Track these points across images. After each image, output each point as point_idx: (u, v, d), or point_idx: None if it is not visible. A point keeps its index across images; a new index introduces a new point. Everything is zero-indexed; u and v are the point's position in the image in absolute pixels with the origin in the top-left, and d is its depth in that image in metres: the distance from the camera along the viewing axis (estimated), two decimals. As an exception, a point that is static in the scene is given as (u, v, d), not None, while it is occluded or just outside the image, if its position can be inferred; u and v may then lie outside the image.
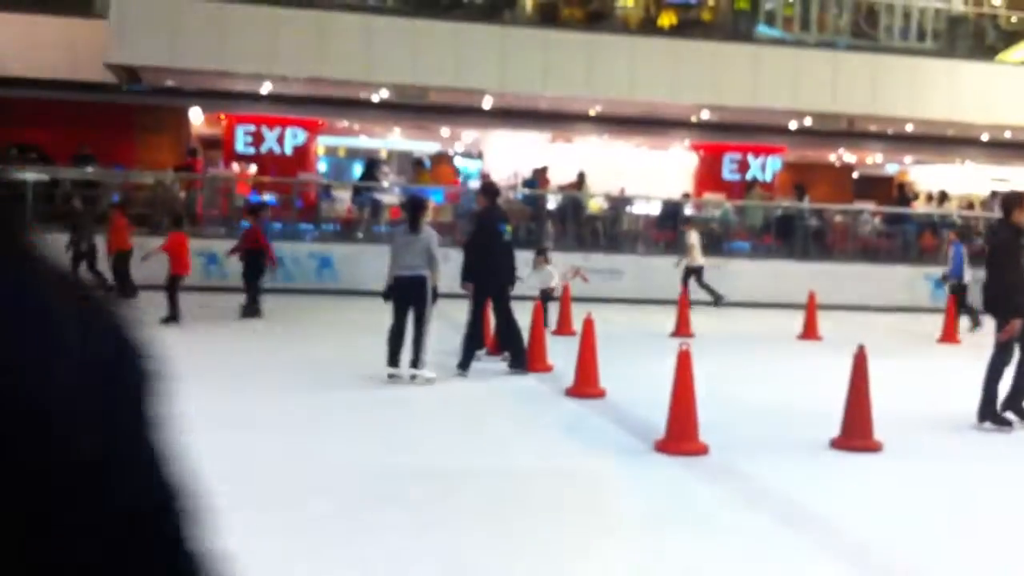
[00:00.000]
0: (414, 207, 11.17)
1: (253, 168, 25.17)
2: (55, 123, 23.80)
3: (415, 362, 10.68)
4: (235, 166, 25.37)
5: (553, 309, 15.19)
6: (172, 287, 15.17)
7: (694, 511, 6.54)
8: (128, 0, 21.97)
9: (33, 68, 23.54)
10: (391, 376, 10.71)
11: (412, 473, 7.13)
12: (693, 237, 19.75)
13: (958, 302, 17.47)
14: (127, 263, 17.00)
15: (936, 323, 17.36)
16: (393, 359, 10.73)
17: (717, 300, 19.71)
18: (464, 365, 11.27)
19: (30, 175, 21.78)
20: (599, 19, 25.48)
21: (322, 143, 28.25)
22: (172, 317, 14.90)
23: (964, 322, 17.39)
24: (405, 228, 11.05)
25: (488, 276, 11.33)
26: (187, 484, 0.77)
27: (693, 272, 19.52)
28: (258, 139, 25.93)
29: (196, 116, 26.50)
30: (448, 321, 12.81)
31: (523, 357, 11.54)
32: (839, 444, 8.43)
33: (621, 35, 25.00)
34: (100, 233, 17.54)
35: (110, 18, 21.73)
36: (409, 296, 10.69)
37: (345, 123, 27.45)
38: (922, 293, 22.31)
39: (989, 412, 9.43)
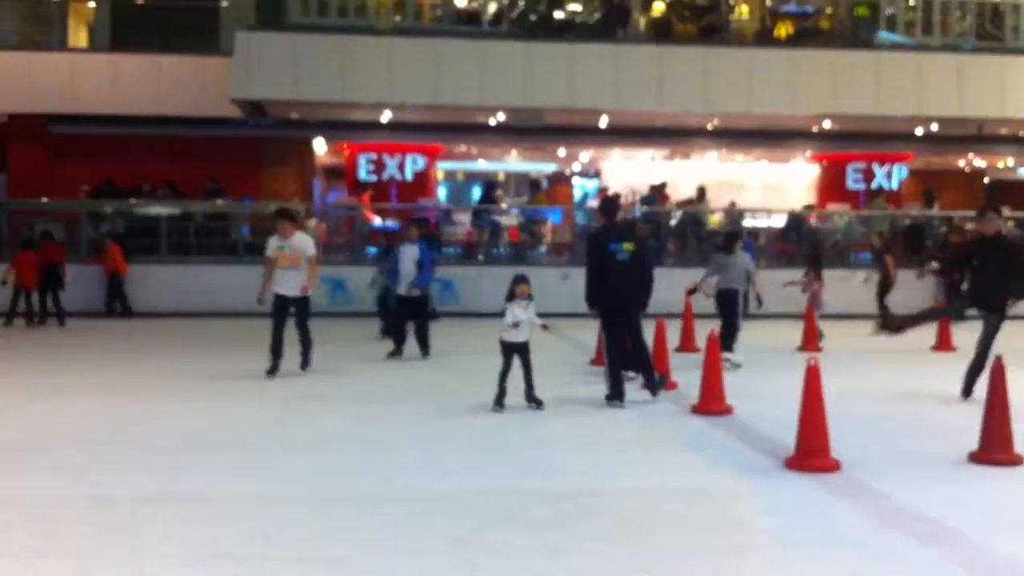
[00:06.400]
0: (729, 237, 14.64)
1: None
2: (185, 158, 24.69)
3: (727, 347, 13.13)
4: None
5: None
6: (15, 297, 18.78)
7: (828, 529, 6.39)
8: (251, 37, 22.68)
9: (162, 105, 24.50)
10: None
11: (538, 494, 7.13)
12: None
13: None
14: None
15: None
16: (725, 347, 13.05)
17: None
18: (611, 395, 10.70)
19: (163, 209, 22.59)
20: (713, 32, 25.24)
21: (441, 168, 28.63)
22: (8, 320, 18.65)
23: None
24: (724, 252, 14.22)
25: (606, 299, 10.79)
26: None
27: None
28: (379, 167, 26.45)
29: (319, 146, 27.15)
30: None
31: (650, 380, 11.12)
32: (978, 458, 8.15)
33: (736, 48, 24.76)
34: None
35: (234, 55, 22.44)
36: (727, 302, 13.94)
37: (463, 147, 27.77)
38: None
39: None
